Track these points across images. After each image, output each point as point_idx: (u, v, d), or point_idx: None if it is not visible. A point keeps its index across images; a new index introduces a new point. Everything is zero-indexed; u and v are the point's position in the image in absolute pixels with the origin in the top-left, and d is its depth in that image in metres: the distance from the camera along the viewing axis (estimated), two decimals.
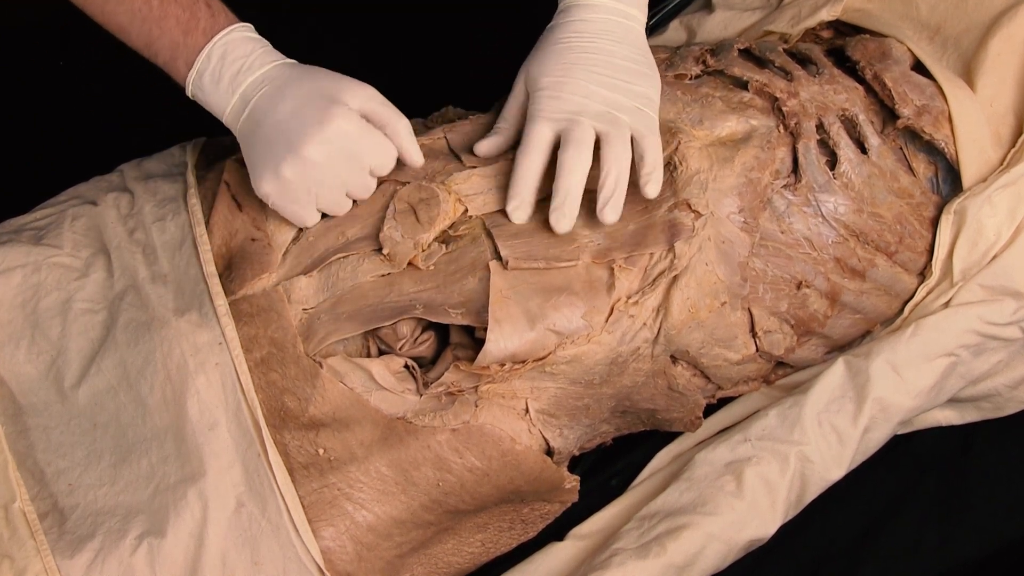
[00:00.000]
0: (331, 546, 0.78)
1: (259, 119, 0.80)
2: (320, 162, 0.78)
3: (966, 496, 0.94)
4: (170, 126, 1.03)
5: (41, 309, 0.83)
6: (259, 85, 0.80)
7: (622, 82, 0.82)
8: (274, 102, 0.79)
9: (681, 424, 0.90)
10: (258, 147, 0.80)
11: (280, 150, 0.78)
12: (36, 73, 1.29)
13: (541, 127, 0.82)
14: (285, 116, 0.79)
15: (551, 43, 0.84)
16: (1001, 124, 0.92)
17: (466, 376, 0.79)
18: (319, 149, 0.78)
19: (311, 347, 0.80)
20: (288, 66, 0.82)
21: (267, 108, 0.79)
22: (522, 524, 0.88)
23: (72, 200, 0.92)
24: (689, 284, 0.82)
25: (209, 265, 0.83)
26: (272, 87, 0.80)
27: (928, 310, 0.90)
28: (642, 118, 0.82)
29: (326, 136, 0.78)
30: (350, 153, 0.79)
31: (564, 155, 0.80)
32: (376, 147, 0.80)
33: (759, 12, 1.04)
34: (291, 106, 0.79)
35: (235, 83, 0.81)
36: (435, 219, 0.82)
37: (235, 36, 0.82)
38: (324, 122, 0.78)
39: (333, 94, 0.79)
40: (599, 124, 0.80)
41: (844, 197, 0.88)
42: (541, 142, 0.81)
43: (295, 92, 0.79)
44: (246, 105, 0.80)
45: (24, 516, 0.76)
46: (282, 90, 0.80)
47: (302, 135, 0.78)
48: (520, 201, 0.82)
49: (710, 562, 0.83)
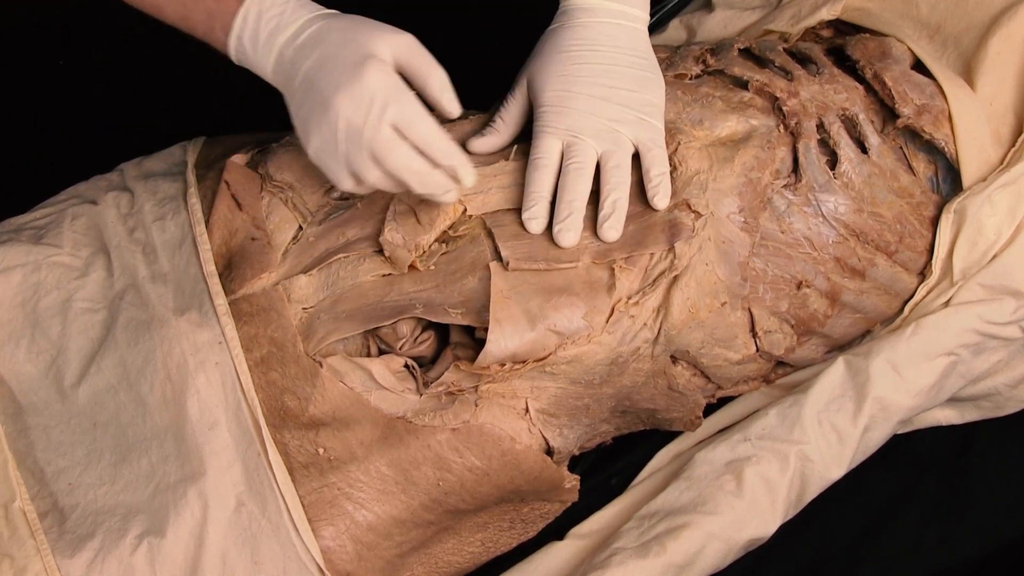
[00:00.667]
0: (331, 545, 0.78)
1: (294, 72, 0.78)
2: (348, 115, 0.75)
3: (966, 495, 0.94)
4: (170, 125, 1.03)
5: (41, 308, 0.83)
6: (294, 38, 0.78)
7: (625, 91, 0.83)
8: (308, 54, 0.77)
9: (681, 424, 0.90)
10: (297, 101, 0.78)
11: (313, 102, 0.76)
12: (36, 73, 1.29)
13: (549, 142, 0.83)
14: (317, 67, 0.76)
15: (553, 51, 0.84)
16: (1001, 123, 0.92)
17: (466, 376, 0.79)
18: (347, 101, 0.75)
19: (311, 346, 0.80)
20: (323, 17, 0.79)
21: (301, 60, 0.77)
22: (522, 523, 0.88)
23: (72, 199, 0.92)
24: (689, 284, 0.82)
25: (209, 264, 0.83)
26: (307, 39, 0.78)
27: (928, 309, 0.90)
28: (646, 129, 0.83)
29: (355, 88, 0.74)
30: (377, 108, 0.75)
31: (566, 174, 0.82)
32: (401, 105, 0.75)
33: (759, 11, 1.04)
34: (324, 58, 0.76)
35: (272, 41, 0.79)
36: (435, 220, 0.82)
37: None
38: (355, 75, 0.75)
39: (367, 45, 0.76)
40: (600, 143, 0.82)
41: (844, 196, 0.88)
42: (551, 156, 0.83)
43: (329, 44, 0.77)
44: (283, 61, 0.78)
45: (24, 515, 0.76)
46: (316, 41, 0.77)
47: (334, 86, 0.75)
48: (534, 214, 0.82)
49: (710, 561, 0.83)
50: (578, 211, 0.81)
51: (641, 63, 0.84)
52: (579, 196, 0.82)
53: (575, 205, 0.81)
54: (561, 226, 0.81)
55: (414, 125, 0.75)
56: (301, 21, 0.78)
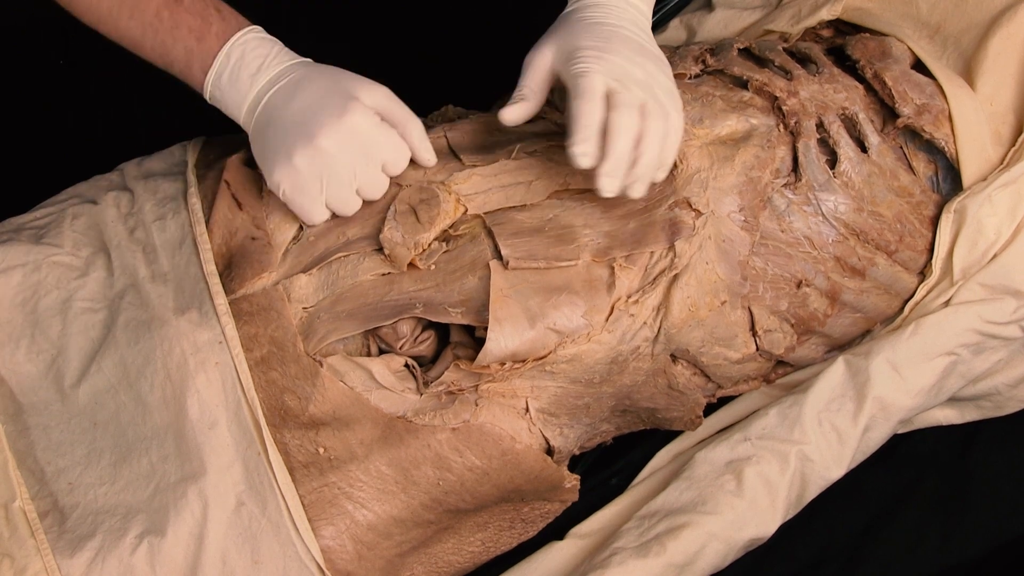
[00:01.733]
0: (331, 545, 0.78)
1: (273, 113, 0.81)
2: (334, 153, 0.79)
3: (966, 495, 0.94)
4: (170, 125, 1.03)
5: (41, 308, 0.83)
6: (276, 81, 0.81)
7: (652, 65, 0.80)
8: (291, 96, 0.80)
9: (681, 423, 0.90)
10: (271, 139, 0.81)
11: (294, 140, 0.79)
12: (36, 72, 1.29)
13: (595, 79, 0.77)
14: (301, 108, 0.80)
15: (576, 22, 0.82)
16: (1001, 123, 0.92)
17: (466, 375, 0.79)
18: (334, 139, 0.79)
19: (311, 346, 0.80)
20: (305, 64, 0.83)
21: (282, 102, 0.81)
22: (522, 523, 0.88)
23: (72, 199, 0.92)
24: (689, 283, 0.82)
25: (209, 264, 0.83)
26: (289, 82, 0.81)
27: (928, 309, 0.90)
28: (674, 102, 0.80)
29: (342, 127, 0.79)
30: (365, 148, 0.80)
31: (616, 116, 0.76)
32: (391, 144, 0.81)
33: (759, 11, 1.04)
34: (308, 100, 0.80)
35: (254, 81, 0.82)
36: (435, 219, 0.82)
37: (251, 37, 0.83)
38: (341, 115, 0.79)
39: (350, 90, 0.80)
40: (643, 93, 0.78)
41: (844, 196, 0.88)
42: (598, 90, 0.77)
43: (312, 87, 0.80)
44: (260, 102, 0.82)
45: (24, 515, 0.76)
46: (300, 84, 0.81)
47: (318, 125, 0.78)
48: (588, 147, 0.77)
49: (710, 561, 0.83)
50: (625, 160, 0.77)
51: (657, 52, 0.83)
52: (627, 143, 0.77)
53: (624, 154, 0.77)
54: (607, 177, 0.77)
55: (400, 163, 0.82)
56: (284, 66, 0.82)
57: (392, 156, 0.81)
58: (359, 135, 0.79)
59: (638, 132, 0.77)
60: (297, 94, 0.80)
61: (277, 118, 0.80)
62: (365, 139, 0.80)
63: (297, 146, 0.79)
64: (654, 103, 0.78)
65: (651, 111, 0.78)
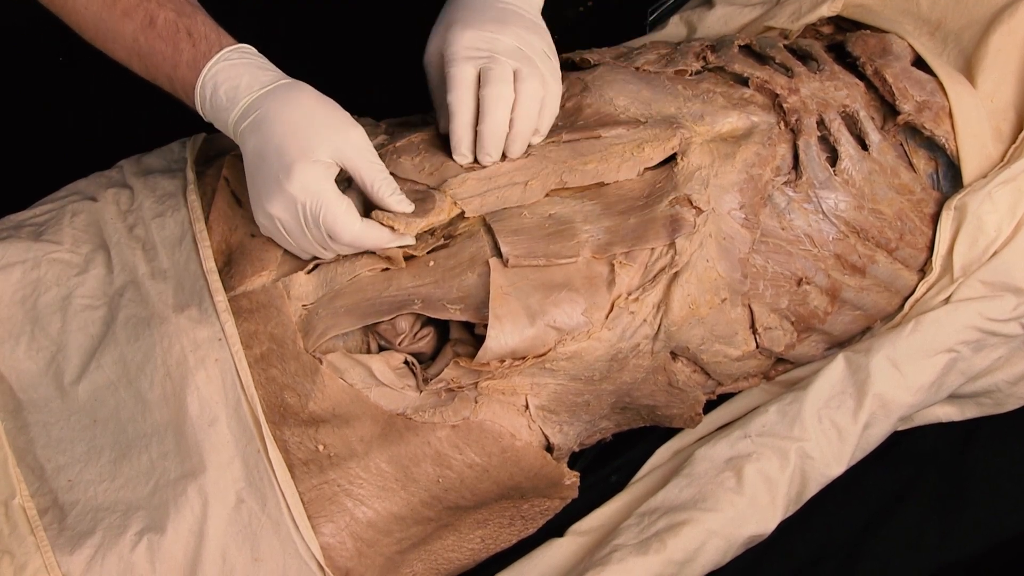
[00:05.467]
0: (331, 542, 0.78)
1: (246, 153, 0.79)
2: (285, 219, 0.77)
3: (966, 492, 0.94)
4: (169, 121, 1.03)
5: (41, 305, 0.83)
6: (246, 116, 0.78)
7: (526, 32, 0.83)
8: (253, 136, 0.77)
9: (681, 420, 0.90)
10: (247, 182, 0.80)
11: (255, 195, 0.78)
12: (36, 70, 1.29)
13: (461, 68, 0.81)
14: (257, 161, 0.77)
15: (450, 7, 0.85)
16: (1002, 120, 0.92)
17: (466, 372, 0.79)
18: (281, 208, 0.76)
19: (311, 343, 0.80)
20: (272, 95, 0.78)
21: (249, 144, 0.78)
22: (522, 520, 0.88)
23: (72, 196, 0.92)
24: (690, 280, 0.82)
25: (209, 261, 0.83)
26: (252, 123, 0.77)
27: (928, 306, 0.90)
28: (550, 67, 0.83)
29: (286, 197, 0.76)
30: (309, 216, 0.76)
31: (487, 91, 0.80)
32: (331, 220, 0.76)
33: (759, 8, 1.04)
34: (265, 150, 0.76)
35: (228, 115, 0.79)
36: (429, 212, 0.82)
37: (220, 67, 0.79)
38: (285, 182, 0.75)
39: (305, 144, 0.75)
40: (514, 61, 0.81)
41: (845, 193, 0.88)
42: (466, 78, 0.81)
43: (269, 137, 0.76)
44: (236, 136, 0.80)
45: (24, 512, 0.76)
46: (260, 128, 0.77)
47: (267, 190, 0.77)
48: (463, 149, 0.83)
49: (710, 558, 0.83)
50: (500, 133, 0.82)
51: (539, 22, 0.85)
52: (501, 115, 0.81)
53: (498, 128, 0.81)
54: (484, 152, 0.82)
55: (338, 234, 0.76)
56: (252, 99, 0.78)
57: (329, 226, 0.76)
58: (300, 203, 0.76)
59: (510, 101, 0.80)
60: (258, 137, 0.77)
61: (247, 161, 0.79)
62: (306, 206, 0.76)
63: (257, 204, 0.78)
64: (529, 68, 0.81)
65: (525, 76, 0.81)
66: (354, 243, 0.78)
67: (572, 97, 0.90)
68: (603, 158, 0.85)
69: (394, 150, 0.87)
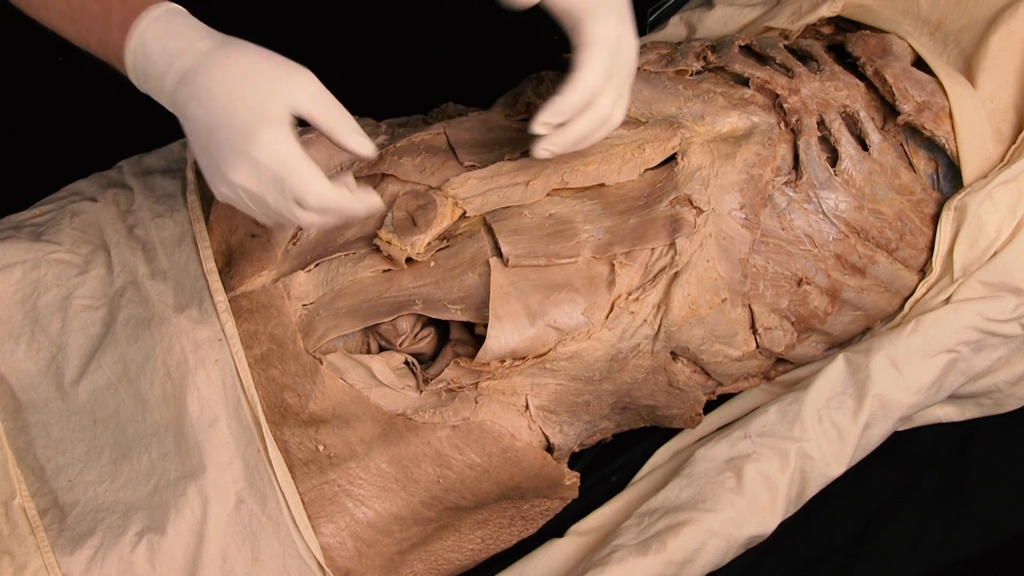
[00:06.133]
0: (331, 542, 0.78)
1: (187, 127, 0.71)
2: (249, 186, 0.69)
3: (966, 492, 0.94)
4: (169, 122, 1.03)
5: (41, 305, 0.83)
6: (181, 84, 0.70)
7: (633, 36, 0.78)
8: (196, 108, 0.69)
9: (681, 420, 0.90)
10: (197, 151, 0.72)
11: (212, 165, 0.70)
12: (36, 70, 1.29)
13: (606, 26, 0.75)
14: (205, 130, 0.69)
15: None
16: (1002, 120, 0.92)
17: (466, 372, 0.79)
18: (246, 175, 0.69)
19: (311, 343, 0.80)
20: (207, 57, 0.70)
21: (190, 113, 0.70)
22: (522, 520, 0.88)
23: (72, 196, 0.92)
24: (690, 280, 0.82)
25: (209, 261, 0.83)
26: (192, 91, 0.69)
27: (928, 307, 0.90)
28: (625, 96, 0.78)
29: (250, 163, 0.68)
30: (277, 181, 0.69)
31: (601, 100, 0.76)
32: (299, 185, 0.69)
33: (759, 8, 1.04)
34: (211, 117, 0.69)
35: (159, 84, 0.71)
36: (431, 222, 0.82)
37: (152, 27, 0.70)
38: (248, 148, 0.68)
39: (257, 105, 0.68)
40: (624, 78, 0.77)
41: (845, 194, 0.88)
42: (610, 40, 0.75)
43: (216, 103, 0.69)
44: (177, 108, 0.72)
45: (24, 512, 0.76)
46: (202, 96, 0.69)
47: (227, 159, 0.68)
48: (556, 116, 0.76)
49: (710, 558, 0.83)
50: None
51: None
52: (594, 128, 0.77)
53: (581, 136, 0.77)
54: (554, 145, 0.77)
55: (306, 200, 0.69)
56: (189, 61, 0.70)
57: (297, 194, 0.69)
58: (265, 173, 0.68)
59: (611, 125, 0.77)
60: (202, 104, 0.69)
61: (192, 130, 0.70)
62: (273, 176, 0.68)
63: (215, 174, 0.70)
64: (623, 99, 0.77)
65: (619, 106, 0.77)
66: (322, 207, 0.70)
67: None
68: (605, 159, 0.85)
69: (395, 150, 0.87)
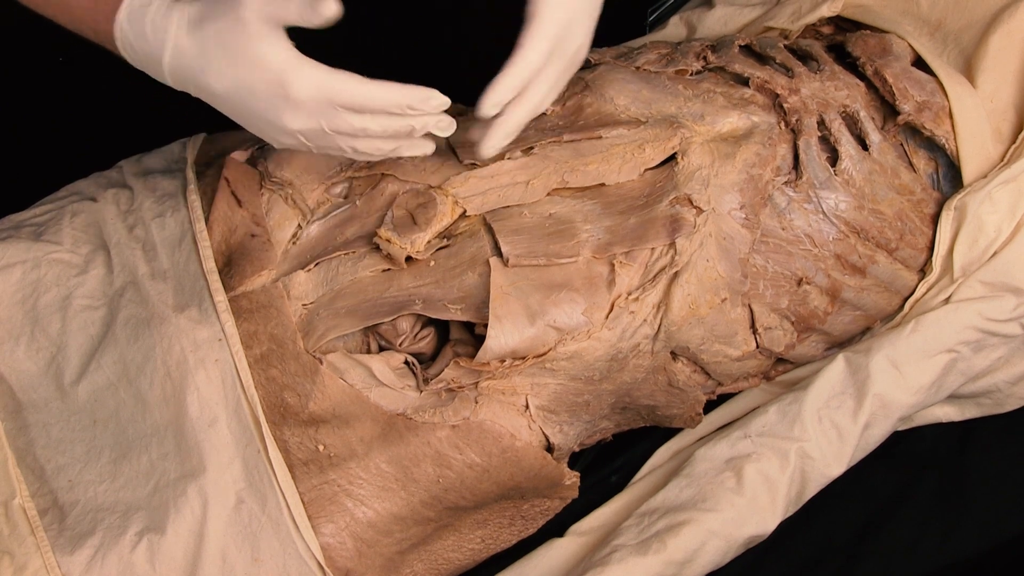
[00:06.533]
0: (331, 542, 0.78)
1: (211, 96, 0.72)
2: (307, 128, 0.71)
3: (966, 493, 0.94)
4: (169, 122, 1.03)
5: (41, 305, 0.83)
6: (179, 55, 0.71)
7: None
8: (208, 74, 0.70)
9: (681, 420, 0.90)
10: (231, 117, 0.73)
11: (261, 122, 0.72)
12: (36, 70, 1.29)
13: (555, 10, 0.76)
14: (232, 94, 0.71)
15: None
16: (1002, 120, 0.92)
17: (466, 372, 0.79)
18: (303, 120, 0.71)
19: (311, 343, 0.80)
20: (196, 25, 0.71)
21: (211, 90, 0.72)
22: (522, 520, 0.88)
23: (72, 196, 0.92)
24: (690, 280, 0.82)
25: (209, 261, 0.83)
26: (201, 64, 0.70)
27: (928, 306, 0.90)
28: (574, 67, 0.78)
29: (297, 114, 0.70)
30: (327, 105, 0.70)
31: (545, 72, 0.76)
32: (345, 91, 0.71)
33: (759, 8, 1.04)
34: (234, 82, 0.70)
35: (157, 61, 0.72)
36: (431, 220, 0.82)
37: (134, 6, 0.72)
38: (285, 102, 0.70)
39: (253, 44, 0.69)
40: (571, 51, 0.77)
41: (845, 194, 0.88)
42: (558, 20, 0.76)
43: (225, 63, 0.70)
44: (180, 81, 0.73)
45: (24, 512, 0.76)
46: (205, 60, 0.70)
47: (275, 112, 0.70)
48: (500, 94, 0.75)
49: (710, 558, 0.83)
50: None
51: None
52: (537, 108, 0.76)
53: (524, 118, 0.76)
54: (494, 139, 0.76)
55: (362, 103, 0.71)
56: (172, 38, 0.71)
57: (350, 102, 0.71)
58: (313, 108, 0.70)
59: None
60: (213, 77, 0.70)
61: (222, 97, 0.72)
62: (321, 106, 0.70)
63: (269, 128, 0.72)
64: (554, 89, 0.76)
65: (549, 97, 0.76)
66: (380, 102, 0.71)
67: (573, 96, 0.90)
68: (605, 159, 0.85)
69: None
